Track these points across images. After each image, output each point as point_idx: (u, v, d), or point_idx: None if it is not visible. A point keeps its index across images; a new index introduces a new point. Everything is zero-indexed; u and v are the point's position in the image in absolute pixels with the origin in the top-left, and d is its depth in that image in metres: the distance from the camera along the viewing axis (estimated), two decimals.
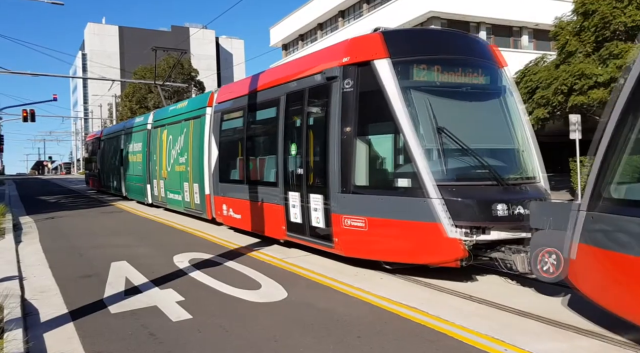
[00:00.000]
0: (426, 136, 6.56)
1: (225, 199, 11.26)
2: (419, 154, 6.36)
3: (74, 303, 5.79)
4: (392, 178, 6.93)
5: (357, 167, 7.10)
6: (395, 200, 6.63)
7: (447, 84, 7.00)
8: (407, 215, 6.45)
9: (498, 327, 4.76)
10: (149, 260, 8.31)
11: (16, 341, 4.21)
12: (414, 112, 6.62)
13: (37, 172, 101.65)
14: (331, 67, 7.57)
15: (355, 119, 7.14)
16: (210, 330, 4.89)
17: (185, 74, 47.89)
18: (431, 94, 6.81)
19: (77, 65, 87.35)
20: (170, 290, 6.34)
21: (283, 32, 45.86)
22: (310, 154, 8.07)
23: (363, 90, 7.10)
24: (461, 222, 6.06)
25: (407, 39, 7.80)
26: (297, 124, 8.43)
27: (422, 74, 6.92)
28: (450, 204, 6.11)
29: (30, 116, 31.33)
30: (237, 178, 10.82)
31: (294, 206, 8.37)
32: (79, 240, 10.69)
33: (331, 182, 7.38)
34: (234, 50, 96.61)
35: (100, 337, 4.74)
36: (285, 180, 8.63)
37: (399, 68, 6.79)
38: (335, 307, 5.58)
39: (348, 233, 7.16)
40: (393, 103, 6.62)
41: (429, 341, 4.50)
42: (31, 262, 8.25)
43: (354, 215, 7.07)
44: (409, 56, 6.95)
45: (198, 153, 12.62)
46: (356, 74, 7.18)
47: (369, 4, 35.89)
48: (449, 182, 6.33)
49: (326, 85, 7.62)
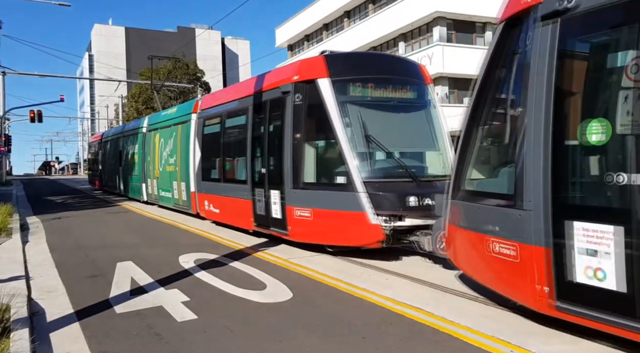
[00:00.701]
0: (357, 142, 8.01)
1: (206, 196, 12.71)
2: (350, 156, 7.84)
3: (80, 303, 5.81)
4: (330, 176, 8.42)
5: (305, 167, 8.58)
6: (333, 194, 8.15)
7: (378, 98, 8.47)
8: (341, 206, 7.92)
9: (497, 327, 4.74)
10: (154, 260, 8.34)
11: (22, 341, 4.23)
12: (348, 121, 8.12)
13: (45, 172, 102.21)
14: (286, 83, 8.99)
15: (303, 127, 8.61)
16: (216, 331, 4.90)
17: (191, 74, 48.10)
18: (363, 107, 8.32)
19: (84, 66, 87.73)
20: (176, 290, 6.35)
21: (289, 32, 45.91)
22: (270, 156, 9.55)
23: (309, 103, 8.51)
24: (381, 211, 7.50)
25: (345, 61, 9.34)
26: (261, 131, 9.92)
27: (357, 90, 8.38)
28: (373, 197, 7.57)
29: (38, 117, 31.57)
30: (216, 177, 12.28)
31: (259, 201, 9.84)
32: (85, 240, 10.74)
33: (286, 180, 8.78)
34: (239, 50, 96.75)
35: (106, 337, 4.75)
36: (252, 178, 10.14)
37: (337, 85, 8.24)
38: (340, 308, 5.58)
39: (298, 222, 8.57)
40: (331, 114, 8.08)
41: (434, 342, 4.48)
42: (38, 262, 8.30)
43: (302, 207, 8.49)
44: (346, 76, 8.43)
45: (185, 155, 14.13)
46: (304, 89, 8.58)
47: (374, 4, 35.86)
48: (373, 179, 7.80)
49: (282, 98, 9.03)
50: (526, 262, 4.50)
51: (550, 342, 4.43)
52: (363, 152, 7.99)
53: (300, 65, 9.07)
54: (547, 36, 4.37)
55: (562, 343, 4.42)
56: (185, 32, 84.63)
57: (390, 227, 7.45)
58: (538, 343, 4.36)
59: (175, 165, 15.07)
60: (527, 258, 4.49)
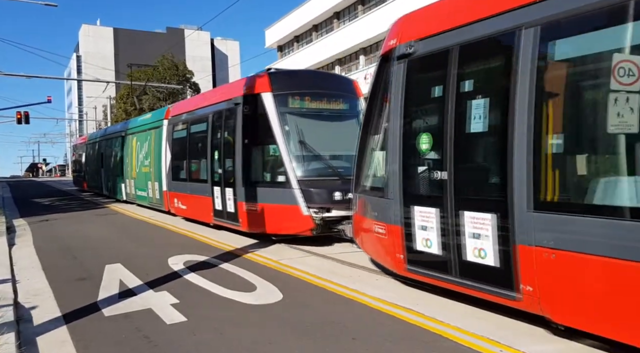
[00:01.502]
0: (294, 147, 9.48)
1: (176, 194, 14.16)
2: (288, 159, 9.32)
3: (68, 307, 5.75)
4: (272, 176, 9.87)
5: (253, 168, 10.11)
6: (274, 191, 9.58)
7: (313, 109, 9.96)
8: (281, 200, 9.35)
9: (487, 328, 4.76)
10: (143, 262, 8.27)
11: (8, 345, 4.17)
12: (287, 129, 9.56)
13: (32, 174, 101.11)
14: (237, 96, 10.50)
15: (250, 134, 10.06)
16: (205, 333, 4.86)
17: (180, 75, 47.80)
18: (300, 117, 9.81)
19: (72, 67, 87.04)
20: (165, 292, 6.31)
21: (278, 33, 45.86)
22: (225, 159, 10.97)
23: (255, 113, 9.92)
24: (312, 205, 9.02)
25: (286, 78, 10.84)
26: (218, 136, 11.41)
27: (295, 103, 9.86)
28: (305, 193, 9.07)
29: (25, 118, 31.16)
30: (183, 177, 13.71)
31: (217, 197, 11.34)
32: (73, 242, 10.63)
33: (237, 179, 10.30)
34: (229, 51, 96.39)
35: (94, 341, 4.70)
36: (212, 178, 11.61)
37: (278, 98, 9.71)
38: (331, 309, 5.57)
39: (247, 215, 10.08)
40: (273, 123, 9.55)
41: (424, 342, 4.49)
42: (25, 265, 8.20)
43: (250, 202, 9.96)
44: (286, 90, 9.88)
45: (157, 157, 15.61)
46: (251, 102, 10.02)
47: (364, 5, 35.93)
48: (306, 178, 9.25)
49: (234, 108, 10.54)
50: (390, 237, 6.12)
51: (539, 342, 4.45)
52: (298, 155, 9.46)
53: (249, 80, 10.53)
54: (400, 70, 6.00)
55: (550, 342, 4.44)
56: (175, 32, 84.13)
57: (319, 217, 9.00)
58: (527, 343, 4.38)
59: (149, 167, 16.41)
60: (390, 235, 6.12)
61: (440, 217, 5.39)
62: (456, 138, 5.25)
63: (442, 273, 5.44)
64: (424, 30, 5.81)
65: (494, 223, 4.80)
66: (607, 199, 4.01)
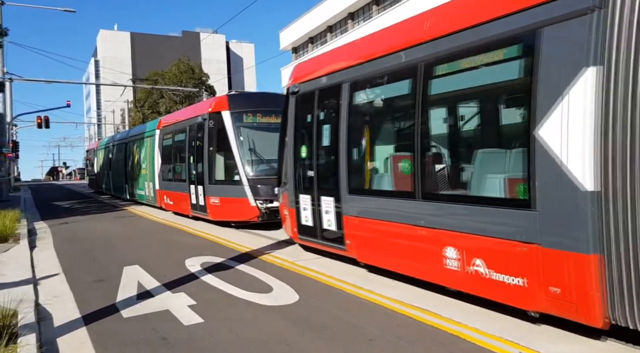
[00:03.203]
0: (245, 153, 12.41)
1: (165, 192, 17.08)
2: (240, 162, 12.29)
3: (87, 308, 5.84)
4: (229, 175, 12.68)
5: (216, 169, 13.02)
6: (231, 187, 12.49)
7: (262, 123, 12.82)
8: (235, 195, 12.31)
9: (503, 328, 4.70)
10: (161, 264, 8.36)
11: (29, 346, 4.24)
12: (240, 139, 12.49)
13: (52, 177, 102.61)
14: (205, 112, 13.49)
15: (215, 143, 12.98)
16: (222, 334, 4.89)
17: (196, 78, 48.16)
18: (251, 129, 12.68)
19: (90, 71, 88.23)
20: (182, 294, 6.36)
21: (293, 35, 45.90)
22: (198, 162, 13.78)
23: (217, 127, 12.88)
24: (258, 197, 11.96)
25: (242, 99, 13.79)
26: (193, 144, 14.26)
27: (248, 118, 12.78)
28: (253, 188, 12.02)
29: (45, 122, 31.75)
30: (170, 177, 16.60)
31: (192, 193, 14.21)
32: (92, 244, 10.79)
33: (205, 178, 13.22)
34: (244, 54, 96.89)
35: (112, 342, 4.76)
36: (189, 178, 14.48)
37: (234, 115, 12.66)
38: (347, 310, 5.56)
39: (213, 207, 13.03)
40: (229, 135, 12.54)
41: (441, 344, 4.46)
42: (45, 267, 8.34)
43: (214, 196, 12.97)
44: (241, 109, 12.86)
45: (151, 161, 18.46)
46: (214, 118, 12.99)
47: (378, 5, 35.81)
48: (254, 177, 12.16)
49: (203, 122, 13.44)
50: (290, 217, 8.78)
51: (557, 342, 4.39)
52: (248, 159, 12.37)
53: (213, 100, 13.91)
54: (292, 103, 8.68)
55: (568, 343, 4.38)
56: (190, 36, 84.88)
57: (264, 207, 11.91)
58: (545, 344, 4.32)
59: (146, 169, 19.26)
60: (290, 215, 8.78)
61: (311, 201, 8.10)
62: (317, 150, 8.01)
63: (314, 238, 8.16)
64: (303, 76, 8.53)
65: (334, 203, 7.50)
66: (376, 186, 7.02)
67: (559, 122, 4.23)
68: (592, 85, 4.03)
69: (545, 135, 4.33)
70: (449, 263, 5.42)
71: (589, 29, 4.06)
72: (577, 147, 4.10)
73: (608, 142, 3.93)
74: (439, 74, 5.71)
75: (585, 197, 4.04)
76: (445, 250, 5.44)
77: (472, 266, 5.14)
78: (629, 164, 3.80)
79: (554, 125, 4.26)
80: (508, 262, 4.75)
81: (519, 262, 4.63)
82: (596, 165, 3.99)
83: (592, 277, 4.05)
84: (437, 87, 5.87)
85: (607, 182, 3.94)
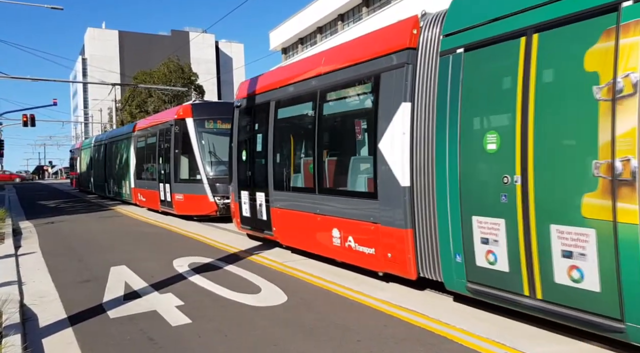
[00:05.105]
0: (205, 155, 14.08)
1: (139, 190, 18.73)
2: (201, 163, 13.96)
3: (73, 309, 5.78)
4: (192, 175, 14.20)
5: (181, 169, 14.60)
6: (192, 185, 14.06)
7: (222, 129, 14.00)
8: (197, 192, 13.93)
9: (490, 329, 4.75)
10: (148, 264, 8.30)
11: (14, 347, 4.20)
12: (202, 143, 14.15)
13: (38, 176, 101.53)
14: (172, 119, 15.20)
15: (180, 146, 14.63)
16: (210, 335, 4.88)
17: (185, 78, 47.88)
18: (211, 134, 14.27)
19: (77, 69, 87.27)
20: (170, 294, 6.33)
21: (283, 35, 45.87)
22: (165, 163, 15.50)
23: (182, 132, 14.56)
24: (216, 194, 13.58)
25: (204, 107, 15.46)
26: (162, 147, 15.95)
27: (209, 124, 14.41)
28: (212, 186, 13.67)
29: (31, 121, 31.32)
30: (143, 176, 18.26)
31: (161, 191, 15.83)
32: (78, 244, 10.68)
33: (171, 177, 14.90)
34: (233, 54, 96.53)
35: (99, 343, 4.72)
36: (159, 177, 16.11)
37: (197, 122, 14.35)
38: (335, 311, 5.57)
39: (178, 203, 14.65)
40: (192, 139, 14.22)
41: (429, 344, 4.48)
42: (30, 267, 8.25)
43: (179, 193, 14.59)
44: (202, 116, 14.51)
45: (128, 161, 20.19)
46: (179, 124, 14.70)
47: (368, 7, 35.91)
48: (212, 176, 13.81)
49: (170, 128, 15.20)
50: (235, 210, 10.44)
51: (543, 344, 4.43)
52: (208, 161, 14.03)
53: (180, 108, 15.42)
54: (236, 114, 10.34)
55: (555, 344, 4.43)
56: (179, 35, 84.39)
57: (221, 203, 13.47)
58: (532, 345, 4.36)
59: (124, 169, 20.78)
60: (235, 209, 10.43)
61: (249, 196, 9.64)
62: (253, 154, 9.65)
63: (251, 226, 9.73)
64: (244, 93, 10.08)
65: (264, 197, 9.08)
66: (292, 183, 8.52)
67: (390, 139, 6.07)
68: (407, 114, 5.86)
69: (382, 147, 6.18)
70: (334, 241, 7.25)
71: (405, 77, 5.91)
72: (397, 156, 5.92)
73: (414, 153, 5.74)
74: (328, 99, 7.61)
75: (404, 190, 5.86)
76: (333, 231, 7.26)
77: (347, 242, 6.98)
78: (428, 168, 5.56)
79: (386, 141, 6.13)
80: (365, 237, 6.62)
81: (371, 237, 6.51)
82: (409, 168, 5.80)
83: (407, 245, 5.89)
84: (327, 109, 7.74)
85: (414, 179, 5.75)
